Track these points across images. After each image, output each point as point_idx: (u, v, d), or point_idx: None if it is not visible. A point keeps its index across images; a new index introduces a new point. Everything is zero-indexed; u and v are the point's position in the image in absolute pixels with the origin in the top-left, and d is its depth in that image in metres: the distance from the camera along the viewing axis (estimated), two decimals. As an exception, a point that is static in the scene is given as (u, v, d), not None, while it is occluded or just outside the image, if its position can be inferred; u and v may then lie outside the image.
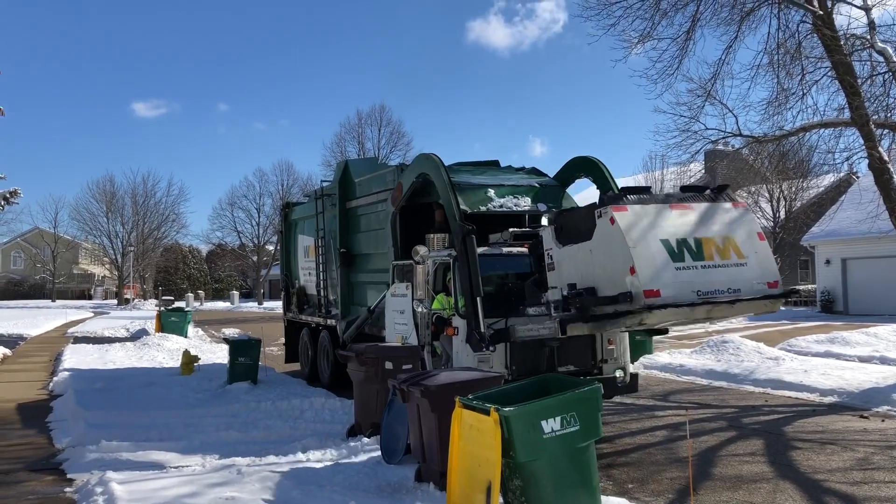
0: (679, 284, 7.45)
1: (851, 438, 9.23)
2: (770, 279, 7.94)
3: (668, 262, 7.50)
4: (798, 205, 37.44)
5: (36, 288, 78.20)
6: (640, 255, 7.39)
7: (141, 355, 19.59)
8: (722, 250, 7.80)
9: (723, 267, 7.72)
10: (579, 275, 8.08)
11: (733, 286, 7.69)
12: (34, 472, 8.25)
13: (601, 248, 7.81)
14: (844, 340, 18.13)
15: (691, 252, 7.65)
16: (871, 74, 13.36)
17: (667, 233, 7.67)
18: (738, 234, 8.00)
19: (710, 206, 8.17)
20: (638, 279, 7.27)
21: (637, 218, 7.65)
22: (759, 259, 7.96)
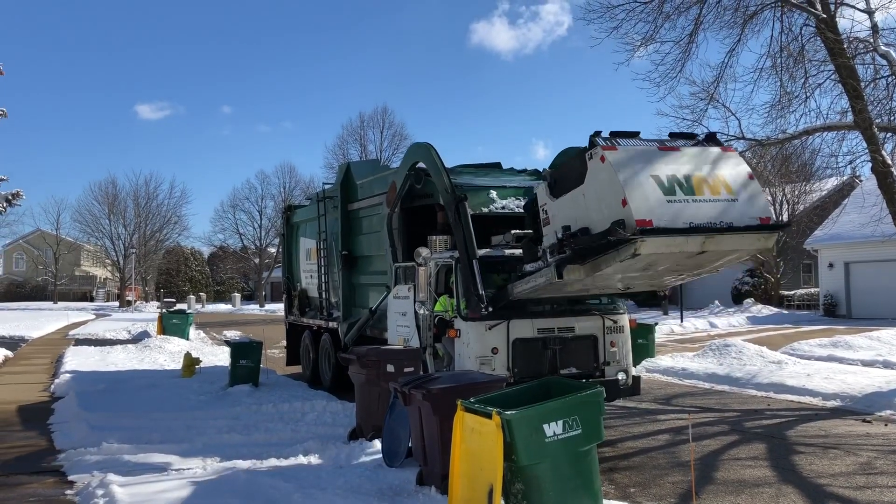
0: (671, 214, 7.49)
1: (854, 443, 9.20)
2: (762, 215, 7.96)
3: (660, 195, 7.55)
4: (801, 208, 37.35)
5: (38, 290, 78.24)
6: (631, 188, 7.44)
7: (142, 357, 19.59)
8: (712, 186, 7.86)
9: (714, 201, 7.77)
10: (573, 219, 8.08)
11: (725, 219, 7.71)
12: (35, 474, 8.23)
13: (593, 189, 7.85)
14: (847, 344, 18.08)
15: (682, 187, 7.71)
16: (874, 78, 13.35)
17: (657, 170, 7.73)
18: (728, 173, 8.05)
19: (700, 149, 8.26)
20: (630, 209, 7.30)
21: (627, 156, 7.73)
22: (749, 195, 8.00)
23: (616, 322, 9.92)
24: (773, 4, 13.54)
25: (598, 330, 9.75)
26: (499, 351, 9.22)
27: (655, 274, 8.55)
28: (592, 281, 8.49)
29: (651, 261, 7.79)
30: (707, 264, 8.40)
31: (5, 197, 23.03)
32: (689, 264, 8.28)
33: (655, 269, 8.25)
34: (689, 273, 8.87)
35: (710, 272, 9.05)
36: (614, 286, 9.21)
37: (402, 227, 11.59)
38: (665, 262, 8.03)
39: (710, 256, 8.03)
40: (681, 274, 8.85)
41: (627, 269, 8.00)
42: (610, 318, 9.88)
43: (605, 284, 9.00)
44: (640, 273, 8.34)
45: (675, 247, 7.59)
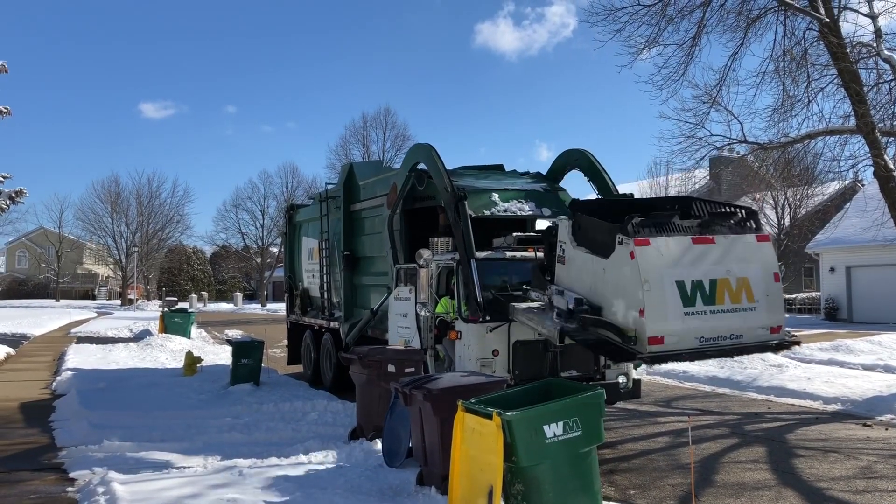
0: (685, 331, 7.52)
1: (854, 447, 9.21)
2: (774, 324, 8.05)
3: (679, 308, 7.52)
4: (803, 212, 37.37)
5: (40, 287, 78.36)
6: (651, 299, 7.39)
7: (144, 356, 19.61)
8: (734, 294, 7.82)
9: (731, 312, 7.77)
10: (588, 286, 8.06)
11: (737, 332, 7.78)
12: (36, 471, 8.26)
13: (615, 274, 7.76)
14: (848, 348, 18.07)
15: (703, 296, 7.67)
16: (877, 82, 13.36)
17: (684, 273, 7.65)
18: (755, 273, 7.98)
19: (734, 240, 8.07)
20: (645, 324, 7.30)
21: (657, 254, 7.59)
22: (768, 303, 8.01)
23: (617, 324, 9.90)
24: (777, 8, 13.56)
25: (599, 332, 9.73)
26: (499, 353, 9.23)
27: None
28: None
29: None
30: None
31: (8, 195, 23.10)
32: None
33: None
34: None
35: None
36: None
37: (404, 229, 11.61)
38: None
39: (711, 358, 8.50)
40: None
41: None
42: (611, 320, 9.85)
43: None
44: None
45: (679, 360, 7.95)
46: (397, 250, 11.48)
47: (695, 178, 35.12)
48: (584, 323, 7.84)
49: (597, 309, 7.87)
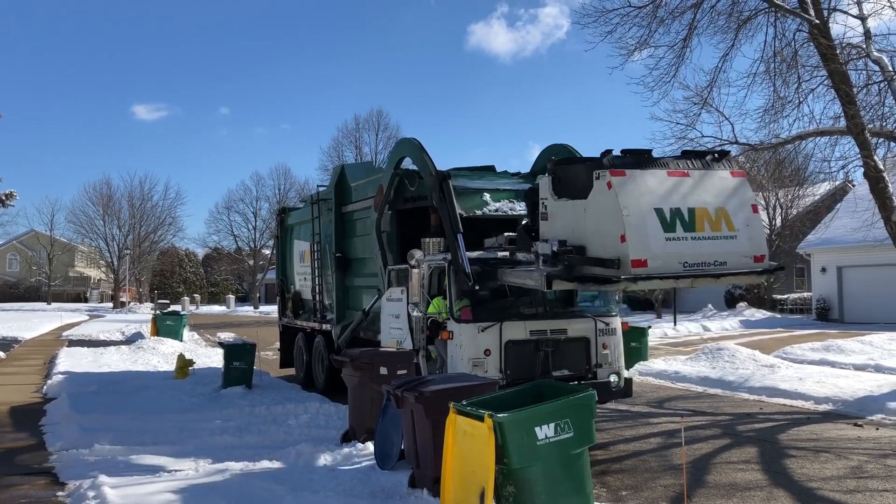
0: (667, 255, 7.62)
1: (846, 447, 9.23)
2: (757, 253, 8.12)
3: (660, 232, 7.66)
4: (794, 213, 37.50)
5: (31, 290, 77.95)
6: (632, 224, 7.53)
7: (136, 359, 19.54)
8: (713, 222, 7.96)
9: (712, 239, 7.88)
10: (570, 230, 8.20)
11: (720, 259, 7.85)
12: (26, 475, 8.21)
13: (595, 210, 7.94)
14: (840, 348, 18.14)
15: (683, 223, 7.80)
16: (866, 83, 13.41)
17: (662, 201, 7.80)
18: (732, 204, 8.12)
19: (708, 174, 8.26)
20: (628, 248, 7.41)
21: (634, 184, 7.75)
22: (749, 232, 8.12)
23: (608, 324, 9.94)
24: (767, 10, 13.61)
25: (591, 332, 9.77)
26: (491, 353, 9.23)
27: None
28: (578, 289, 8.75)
29: (637, 290, 7.99)
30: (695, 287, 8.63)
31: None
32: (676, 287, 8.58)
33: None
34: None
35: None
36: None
37: (395, 230, 11.61)
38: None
39: (698, 285, 8.30)
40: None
41: (613, 292, 8.39)
42: (602, 320, 9.89)
43: (590, 294, 9.32)
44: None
45: (665, 284, 7.89)
46: (385, 252, 11.48)
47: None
48: (569, 263, 7.97)
49: (581, 249, 7.98)
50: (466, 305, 9.55)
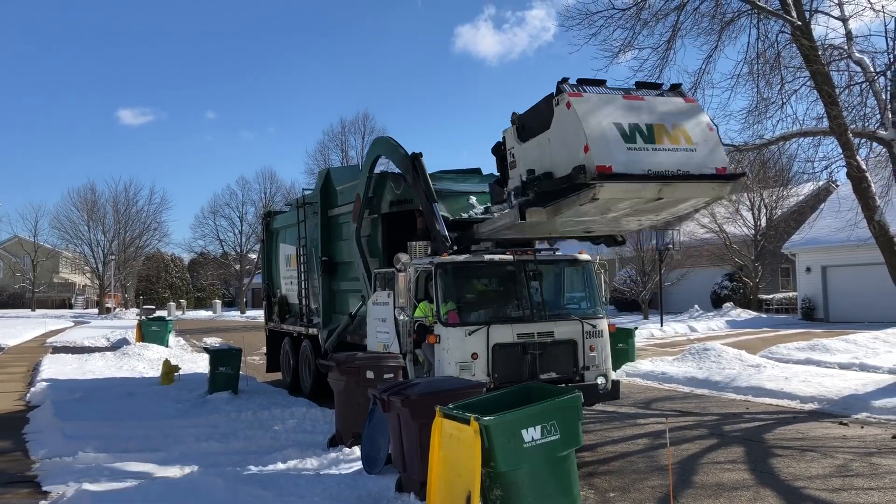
0: (630, 161, 7.76)
1: (831, 445, 9.28)
2: (718, 165, 8.22)
3: (621, 143, 7.82)
4: (779, 213, 37.72)
5: (15, 297, 77.27)
6: (594, 135, 7.72)
7: (121, 365, 19.38)
8: (672, 136, 8.12)
9: (673, 150, 8.03)
10: (538, 163, 8.37)
11: (683, 168, 7.98)
12: (8, 484, 8.11)
13: (558, 134, 8.12)
14: (825, 348, 18.25)
15: (643, 136, 7.98)
16: (848, 84, 13.50)
17: (620, 118, 8.00)
18: (689, 124, 8.31)
19: (662, 99, 8.51)
20: (591, 155, 7.58)
21: (592, 104, 8.00)
22: (708, 147, 8.26)
23: (595, 326, 9.96)
24: (750, 12, 13.68)
25: (578, 334, 9.78)
26: (479, 356, 9.22)
27: (614, 218, 8.81)
28: (553, 224, 8.80)
29: (609, 204, 8.09)
30: (664, 210, 8.63)
31: (-19, 203, 22.74)
32: (647, 209, 8.52)
33: (614, 214, 8.51)
34: (647, 218, 9.09)
35: (667, 218, 9.31)
36: (575, 230, 9.49)
37: (380, 233, 11.61)
38: (623, 206, 8.30)
39: (666, 203, 8.29)
40: (639, 219, 9.09)
41: (587, 212, 8.28)
42: (589, 322, 9.91)
43: (566, 229, 9.34)
44: (600, 217, 8.60)
45: (632, 192, 7.90)
46: (367, 260, 11.56)
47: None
48: (539, 189, 8.17)
49: (548, 174, 8.15)
50: (453, 309, 9.54)
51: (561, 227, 9.16)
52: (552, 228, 9.15)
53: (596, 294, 10.45)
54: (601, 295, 10.53)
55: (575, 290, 10.69)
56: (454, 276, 9.76)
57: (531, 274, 9.89)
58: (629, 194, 7.91)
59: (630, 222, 9.35)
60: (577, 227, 9.19)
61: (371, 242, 12.05)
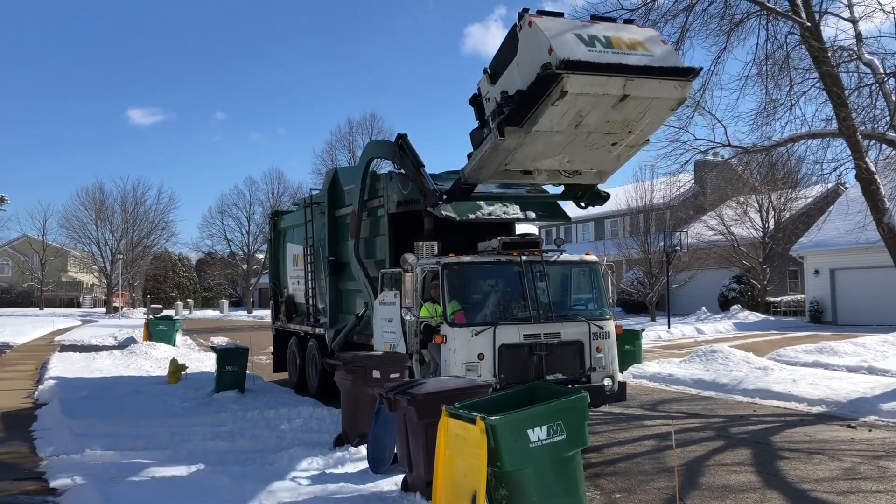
0: (593, 59, 8.14)
1: (839, 448, 9.24)
2: (677, 65, 8.68)
3: (582, 47, 8.22)
4: (787, 215, 37.58)
5: (24, 296, 77.62)
6: (556, 38, 8.13)
7: (128, 364, 19.45)
8: (630, 45, 8.53)
9: (631, 54, 8.41)
10: (510, 87, 8.72)
11: (644, 64, 8.42)
12: (16, 480, 8.15)
13: (525, 54, 8.49)
14: (833, 350, 18.18)
15: (601, 43, 8.40)
16: (858, 86, 13.46)
17: (580, 30, 8.50)
18: (644, 39, 8.77)
19: (620, 25, 8.99)
20: (556, 53, 7.93)
21: (553, 22, 8.48)
22: (663, 53, 8.67)
23: (602, 328, 9.94)
24: (759, 13, 13.64)
25: (584, 336, 9.76)
26: (485, 357, 9.21)
27: (589, 141, 9.10)
28: (534, 147, 9.02)
29: (579, 105, 8.34)
30: (634, 121, 8.88)
31: (-10, 202, 22.86)
32: (618, 121, 8.81)
33: (586, 127, 8.81)
34: (620, 136, 9.23)
35: (640, 143, 9.49)
36: (558, 162, 9.60)
37: (390, 234, 11.63)
38: (593, 112, 8.56)
39: (634, 106, 8.59)
40: (614, 140, 9.24)
41: (560, 121, 8.55)
42: (596, 323, 9.89)
43: (548, 163, 9.51)
44: (574, 131, 8.84)
45: (598, 87, 8.17)
46: (368, 272, 11.87)
47: (680, 183, 35.25)
48: (513, 105, 8.48)
49: (520, 92, 8.45)
50: (459, 309, 9.54)
51: (542, 158, 9.41)
52: (535, 154, 9.31)
53: (603, 295, 10.43)
54: (608, 296, 10.51)
55: (582, 291, 10.68)
56: (461, 277, 9.76)
57: (538, 274, 9.88)
58: (595, 88, 8.19)
59: (606, 151, 9.52)
60: (556, 155, 9.41)
61: (370, 246, 12.33)
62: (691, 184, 42.04)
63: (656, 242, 35.97)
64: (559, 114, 8.36)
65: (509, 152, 8.98)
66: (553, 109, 8.24)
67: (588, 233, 51.62)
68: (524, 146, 8.91)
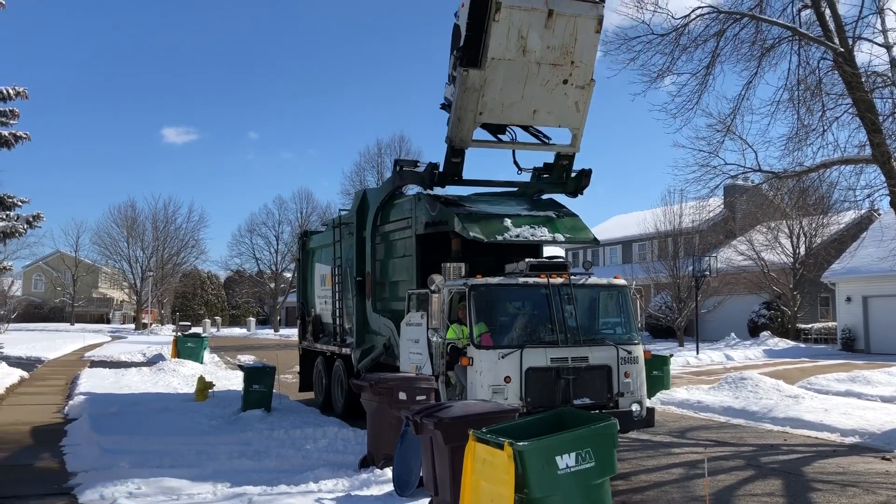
0: None
1: (873, 481, 9.03)
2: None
3: None
4: (818, 241, 37.06)
5: (55, 311, 78.82)
6: None
7: (156, 380, 19.63)
8: None
9: None
10: (460, 40, 10.04)
11: None
12: (46, 496, 8.24)
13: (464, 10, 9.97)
14: (866, 380, 17.83)
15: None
16: (892, 112, 13.29)
17: None
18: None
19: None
20: None
21: None
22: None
23: (630, 353, 9.85)
24: (791, 38, 13.58)
25: (613, 360, 9.68)
26: (511, 380, 9.17)
27: (541, 72, 10.21)
28: (496, 85, 10.17)
29: (518, 25, 9.69)
30: (570, 46, 10.06)
31: (26, 219, 23.29)
32: (556, 46, 10.00)
33: (533, 55, 9.99)
34: (567, 70, 10.30)
35: (585, 75, 10.48)
36: (526, 113, 10.74)
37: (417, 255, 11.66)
38: (532, 34, 9.83)
39: (563, 26, 9.87)
40: (563, 76, 10.35)
41: (507, 45, 9.79)
42: (624, 348, 9.81)
43: (519, 115, 10.75)
44: (524, 60, 10.01)
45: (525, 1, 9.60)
46: (393, 320, 12.21)
47: (709, 207, 34.97)
48: (467, 41, 9.92)
49: (469, 35, 9.99)
50: (486, 331, 9.51)
51: (511, 105, 10.49)
52: (504, 110, 10.53)
53: (631, 320, 10.35)
54: (637, 321, 10.43)
55: (610, 315, 10.60)
56: (488, 298, 9.75)
57: (566, 297, 9.83)
58: (523, 2, 9.59)
59: (562, 94, 10.56)
60: (520, 100, 10.46)
61: (395, 267, 12.69)
62: (721, 208, 41.69)
63: (685, 267, 35.63)
64: (503, 34, 9.70)
65: (477, 91, 10.16)
66: (496, 28, 9.59)
67: (616, 256, 51.31)
68: (488, 83, 10.11)
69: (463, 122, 10.43)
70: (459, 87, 10.18)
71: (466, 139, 10.74)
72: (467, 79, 10.01)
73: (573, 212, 12.00)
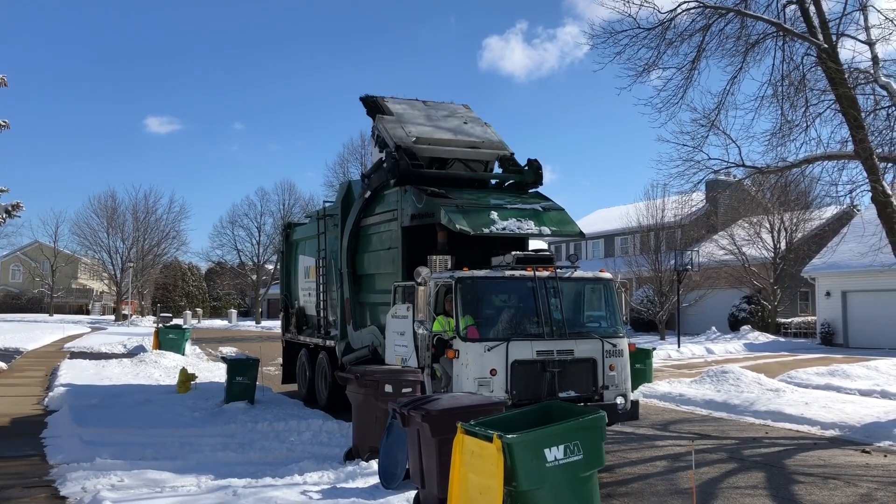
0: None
1: (854, 473, 9.13)
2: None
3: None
4: (799, 236, 37.40)
5: (34, 302, 77.93)
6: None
7: (137, 372, 19.46)
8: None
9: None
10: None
11: None
12: (26, 488, 8.14)
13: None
14: (845, 373, 18.02)
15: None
16: (874, 108, 13.40)
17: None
18: None
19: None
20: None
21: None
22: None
23: (615, 346, 9.89)
24: (776, 34, 13.63)
25: (598, 353, 9.71)
26: (497, 373, 9.17)
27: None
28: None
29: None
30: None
31: (5, 208, 22.95)
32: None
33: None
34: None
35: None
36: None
37: (403, 247, 11.62)
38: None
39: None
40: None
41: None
42: (609, 341, 9.84)
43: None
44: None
45: None
46: (378, 326, 12.36)
47: (692, 202, 35.16)
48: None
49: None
50: (472, 324, 9.50)
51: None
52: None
53: (616, 313, 10.38)
54: (622, 314, 10.47)
55: (595, 308, 10.64)
56: (474, 291, 9.74)
57: (552, 291, 9.85)
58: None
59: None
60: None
61: (382, 259, 12.56)
62: (703, 203, 41.94)
63: (667, 261, 35.83)
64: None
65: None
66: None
67: (598, 250, 51.52)
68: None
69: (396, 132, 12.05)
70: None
71: (405, 139, 12.10)
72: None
73: (559, 205, 12.01)
